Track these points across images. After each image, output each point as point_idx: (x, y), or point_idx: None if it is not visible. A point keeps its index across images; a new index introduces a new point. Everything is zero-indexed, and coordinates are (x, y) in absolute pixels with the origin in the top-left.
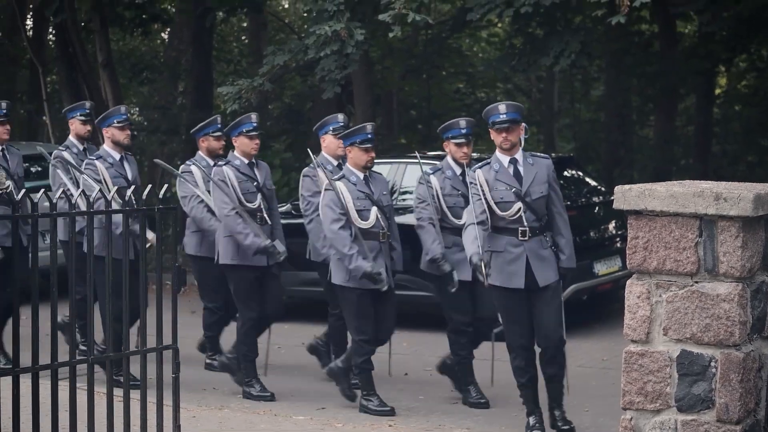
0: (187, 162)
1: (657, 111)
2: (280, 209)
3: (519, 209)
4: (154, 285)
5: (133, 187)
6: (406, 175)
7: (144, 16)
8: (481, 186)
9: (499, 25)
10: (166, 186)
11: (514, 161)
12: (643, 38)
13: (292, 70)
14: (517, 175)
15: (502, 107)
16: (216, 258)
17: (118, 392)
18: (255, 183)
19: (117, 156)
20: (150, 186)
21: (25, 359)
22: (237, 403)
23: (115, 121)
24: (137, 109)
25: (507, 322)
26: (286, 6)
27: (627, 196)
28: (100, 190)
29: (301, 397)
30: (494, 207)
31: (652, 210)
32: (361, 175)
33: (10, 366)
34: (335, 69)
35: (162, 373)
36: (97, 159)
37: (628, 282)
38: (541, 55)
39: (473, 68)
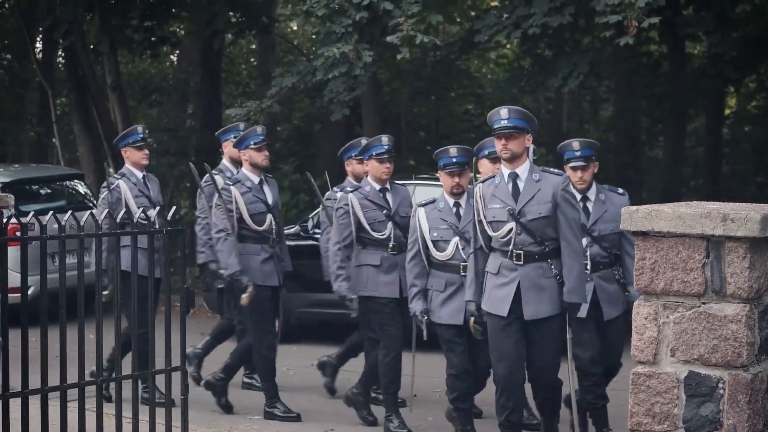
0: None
1: (666, 132)
2: (290, 230)
3: (510, 230)
4: (163, 307)
5: (157, 207)
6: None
7: (153, 39)
8: (476, 202)
9: (508, 46)
10: (174, 208)
11: (514, 176)
12: (652, 59)
13: (300, 91)
14: (515, 191)
15: (504, 111)
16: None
17: (127, 414)
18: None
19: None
20: (159, 207)
21: (34, 381)
22: (246, 424)
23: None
24: (146, 131)
25: (491, 353)
26: (295, 28)
27: (634, 217)
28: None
29: (310, 418)
30: (485, 226)
31: (659, 231)
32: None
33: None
34: (344, 91)
35: (171, 394)
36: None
37: (636, 303)
38: (549, 76)
39: (482, 89)
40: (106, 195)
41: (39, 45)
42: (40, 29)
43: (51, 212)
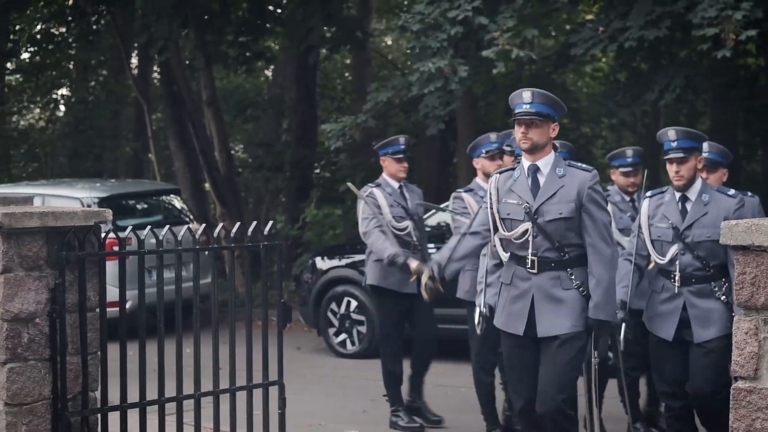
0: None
1: (764, 145)
2: None
3: (526, 231)
4: (260, 321)
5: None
6: None
7: (248, 54)
8: (490, 195)
9: (603, 59)
10: (271, 222)
11: (534, 169)
12: (749, 72)
13: (395, 106)
14: (534, 187)
15: (526, 94)
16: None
17: (225, 428)
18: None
19: (395, 185)
20: (255, 222)
21: (133, 394)
22: None
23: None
24: (241, 146)
25: (507, 374)
26: (390, 43)
27: (733, 231)
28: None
29: None
30: (498, 224)
31: (759, 245)
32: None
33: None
34: (439, 105)
35: (268, 409)
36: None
37: (736, 318)
38: (645, 89)
39: (577, 103)
40: (364, 206)
41: (135, 61)
42: (136, 45)
43: (148, 227)
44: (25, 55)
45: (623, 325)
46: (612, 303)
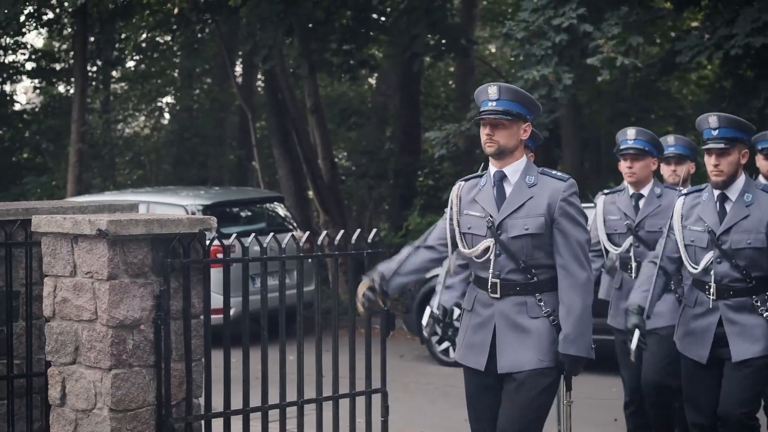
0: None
1: None
2: None
3: (488, 249)
4: (363, 328)
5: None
6: None
7: (352, 62)
8: (452, 205)
9: (709, 67)
10: (375, 230)
11: (500, 176)
12: None
13: None
14: (500, 197)
15: (493, 90)
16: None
17: None
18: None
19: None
20: (359, 230)
21: (236, 401)
22: None
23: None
24: (345, 154)
25: (468, 415)
26: (494, 50)
27: None
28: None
29: None
30: (457, 239)
31: None
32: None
33: None
34: (543, 113)
35: (371, 416)
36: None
37: None
38: (751, 97)
39: (682, 111)
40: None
41: (239, 69)
42: (241, 53)
43: (252, 234)
44: (130, 64)
45: (636, 332)
46: (586, 335)
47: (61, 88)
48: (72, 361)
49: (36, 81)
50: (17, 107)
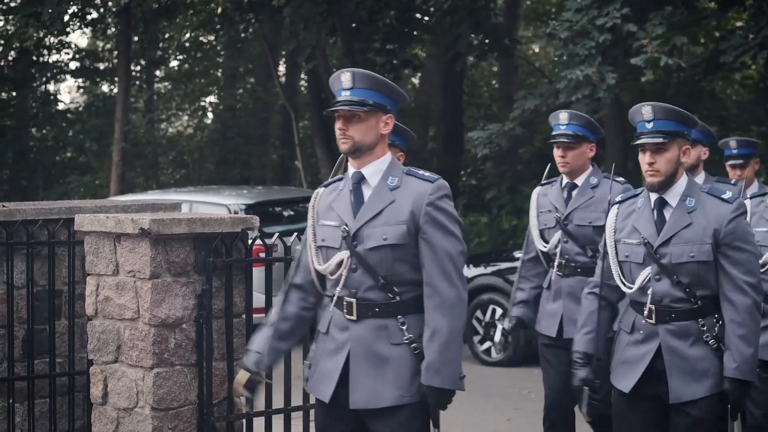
0: None
1: None
2: None
3: (341, 263)
4: None
5: None
6: None
7: (395, 62)
8: (310, 217)
9: (753, 67)
10: None
11: (358, 178)
12: None
13: (542, 114)
14: (357, 203)
15: (346, 77)
16: None
17: None
18: None
19: None
20: None
21: (278, 400)
22: None
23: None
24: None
25: None
26: (537, 50)
27: None
28: None
29: None
30: (312, 254)
31: None
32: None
33: None
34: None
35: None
36: None
37: None
38: None
39: (726, 111)
40: None
41: (282, 69)
42: (284, 53)
43: (295, 234)
44: (173, 63)
45: (585, 390)
46: (453, 363)
47: (105, 88)
48: (114, 360)
49: (80, 80)
50: (61, 107)
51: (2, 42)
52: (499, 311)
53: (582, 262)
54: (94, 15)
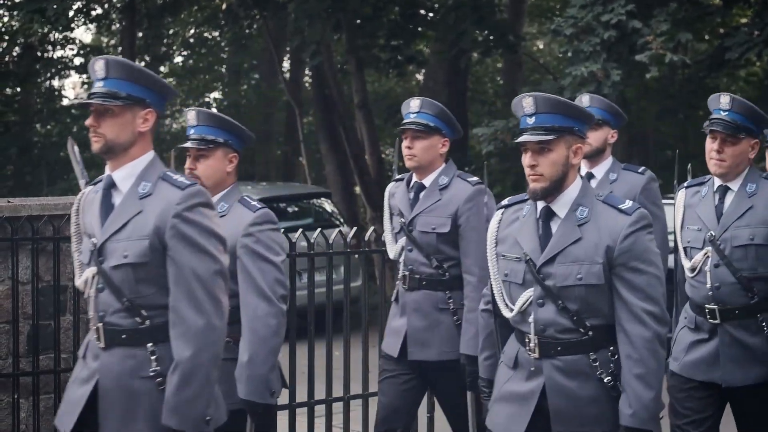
0: None
1: None
2: None
3: (88, 281)
4: None
5: None
6: None
7: (399, 58)
8: None
9: (758, 64)
10: None
11: (109, 184)
12: None
13: None
14: (106, 212)
15: (99, 64)
16: None
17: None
18: None
19: None
20: None
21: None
22: None
23: None
24: (392, 149)
25: None
26: (542, 47)
27: None
28: None
29: None
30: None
31: None
32: None
33: None
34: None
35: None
36: None
37: None
38: None
39: None
40: None
41: (287, 65)
42: (288, 49)
43: (300, 230)
44: (178, 59)
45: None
46: (197, 401)
47: None
48: None
49: (84, 76)
50: (65, 102)
51: (7, 38)
52: None
53: (427, 274)
54: (99, 11)
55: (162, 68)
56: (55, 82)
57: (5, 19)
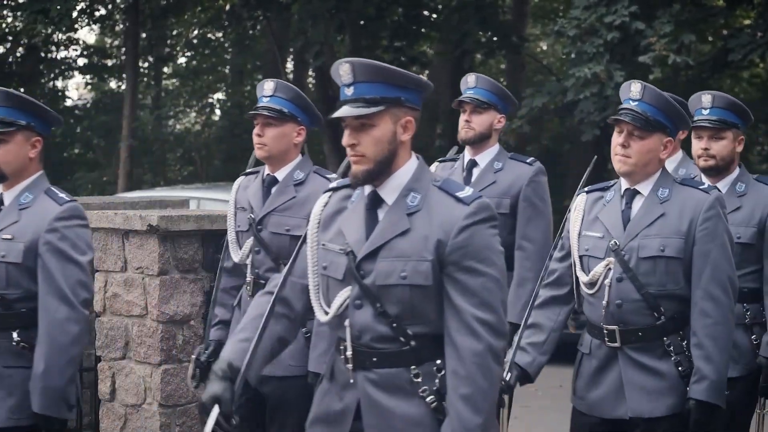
0: None
1: None
2: None
3: None
4: None
5: None
6: None
7: (402, 59)
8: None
9: (761, 65)
10: None
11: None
12: None
13: (550, 112)
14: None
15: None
16: None
17: None
18: None
19: None
20: None
21: None
22: None
23: None
24: None
25: None
26: (545, 48)
27: None
28: None
29: None
30: None
31: None
32: None
33: None
34: (594, 111)
35: None
36: None
37: None
38: None
39: None
40: None
41: (290, 66)
42: (292, 50)
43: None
44: (181, 60)
45: (215, 408)
46: (55, 393)
47: (113, 84)
48: (122, 356)
49: (87, 77)
50: (69, 103)
51: (10, 38)
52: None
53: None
54: (102, 11)
55: (165, 69)
56: (59, 83)
57: (9, 20)
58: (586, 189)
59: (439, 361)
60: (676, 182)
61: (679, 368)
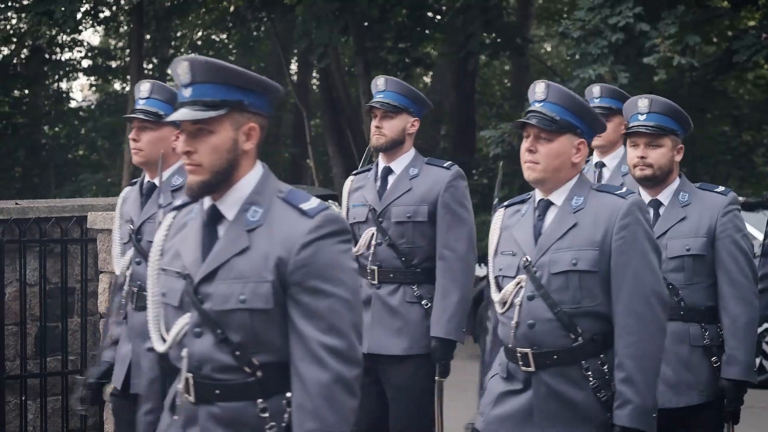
0: None
1: None
2: None
3: None
4: None
5: None
6: None
7: (407, 60)
8: None
9: (766, 66)
10: None
11: None
12: None
13: None
14: None
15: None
16: None
17: None
18: None
19: None
20: None
21: None
22: None
23: None
24: None
25: None
26: (549, 49)
27: None
28: None
29: None
30: None
31: None
32: None
33: None
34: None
35: None
36: None
37: None
38: None
39: (739, 111)
40: None
41: (294, 67)
42: (296, 52)
43: None
44: None
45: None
46: None
47: (117, 86)
48: None
49: (92, 78)
50: (73, 104)
51: (15, 40)
52: None
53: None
54: (107, 13)
55: (169, 70)
56: (63, 85)
57: (13, 21)
58: (505, 203)
59: (289, 395)
60: (592, 189)
61: (598, 395)
